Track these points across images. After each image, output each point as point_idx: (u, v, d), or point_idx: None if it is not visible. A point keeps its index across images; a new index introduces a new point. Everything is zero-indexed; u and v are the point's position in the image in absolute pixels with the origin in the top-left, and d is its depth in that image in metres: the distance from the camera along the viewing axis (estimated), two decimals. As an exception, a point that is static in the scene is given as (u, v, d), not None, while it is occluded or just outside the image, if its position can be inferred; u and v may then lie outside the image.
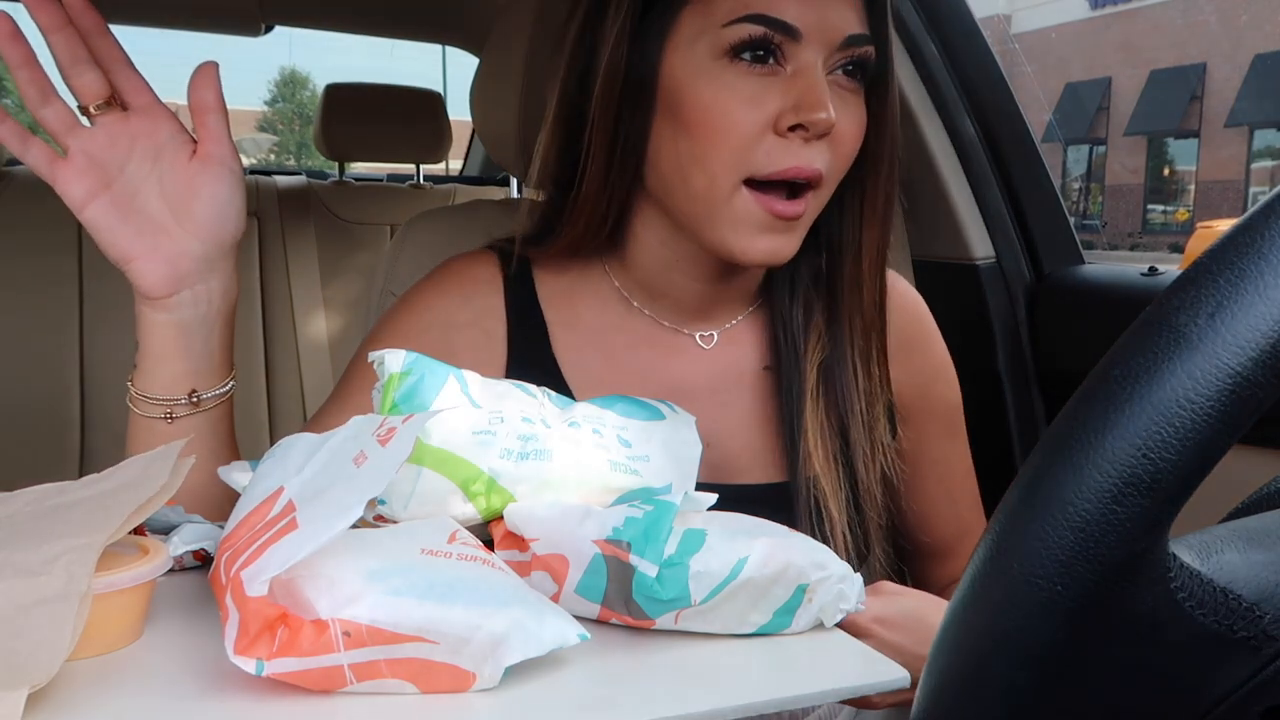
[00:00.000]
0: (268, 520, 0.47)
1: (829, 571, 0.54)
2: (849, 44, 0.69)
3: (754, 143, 0.67)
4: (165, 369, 0.70)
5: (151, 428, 0.70)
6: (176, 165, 0.67)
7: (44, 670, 0.41)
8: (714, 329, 0.81)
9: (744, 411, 0.79)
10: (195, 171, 0.67)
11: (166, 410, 0.70)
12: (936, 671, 0.33)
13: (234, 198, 0.68)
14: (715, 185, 0.68)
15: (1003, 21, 19.52)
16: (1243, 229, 0.30)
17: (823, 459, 0.76)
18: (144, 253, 0.66)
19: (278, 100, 39.16)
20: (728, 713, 0.45)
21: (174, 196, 0.67)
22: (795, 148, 0.67)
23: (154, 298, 0.68)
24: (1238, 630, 0.31)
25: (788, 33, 0.67)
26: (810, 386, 0.77)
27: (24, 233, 1.84)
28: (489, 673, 0.45)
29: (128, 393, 0.71)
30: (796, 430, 0.76)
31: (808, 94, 0.66)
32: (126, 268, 0.67)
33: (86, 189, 0.64)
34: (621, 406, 0.65)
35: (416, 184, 2.33)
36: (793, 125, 0.67)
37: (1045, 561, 0.29)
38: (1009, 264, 1.35)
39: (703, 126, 0.68)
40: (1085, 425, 0.29)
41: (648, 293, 0.80)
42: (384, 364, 0.59)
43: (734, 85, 0.67)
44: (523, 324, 0.79)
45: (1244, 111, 18.04)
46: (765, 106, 0.67)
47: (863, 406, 0.77)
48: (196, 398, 0.71)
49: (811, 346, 0.78)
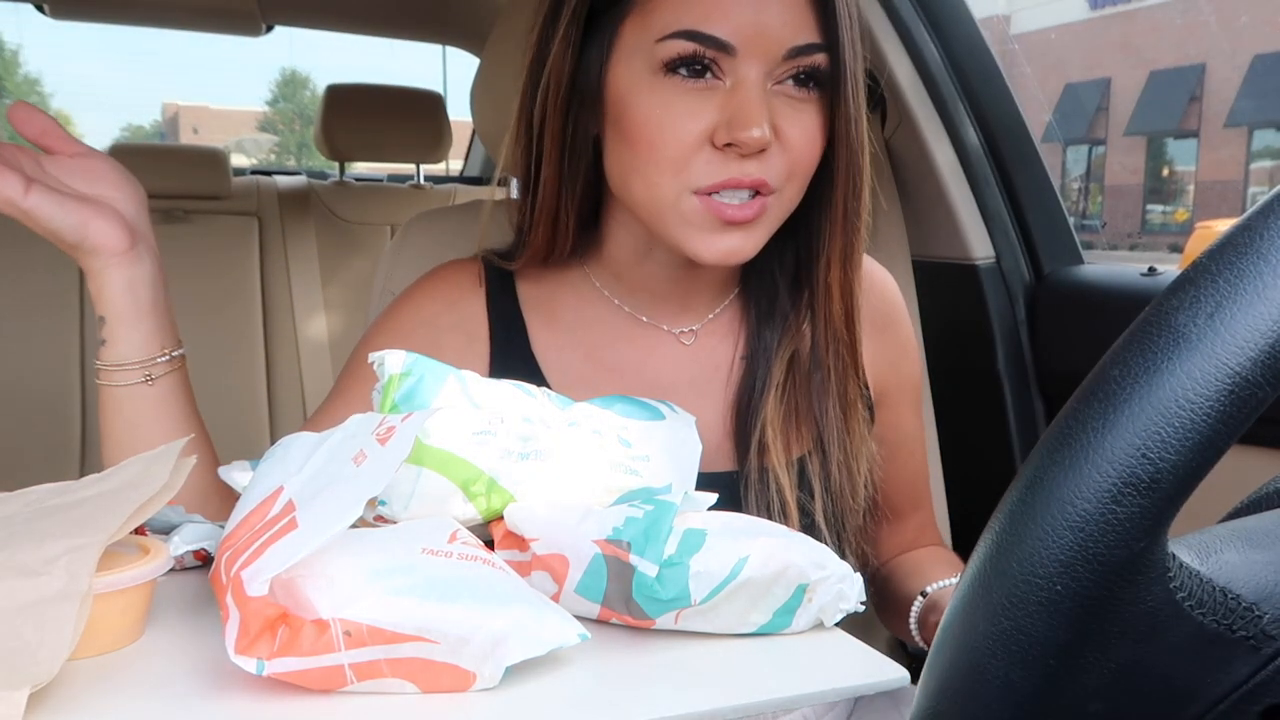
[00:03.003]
0: (268, 520, 0.47)
1: (829, 571, 0.54)
2: (795, 54, 0.68)
3: (691, 156, 0.68)
4: (138, 330, 0.73)
5: (133, 395, 0.73)
6: (59, 162, 0.71)
7: (45, 670, 0.41)
8: (693, 323, 0.82)
9: (723, 401, 0.80)
10: (77, 158, 0.72)
11: (145, 372, 0.73)
12: (936, 671, 0.33)
13: (116, 164, 0.73)
14: (658, 194, 0.69)
15: (1003, 22, 19.52)
16: (1242, 229, 0.30)
17: (781, 450, 0.76)
18: (93, 215, 0.70)
19: (278, 100, 39.16)
20: (728, 713, 0.45)
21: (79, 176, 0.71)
22: (732, 161, 0.67)
23: (119, 252, 0.71)
24: (1237, 630, 0.31)
25: (721, 48, 0.66)
26: (776, 379, 0.77)
27: (24, 230, 1.84)
28: (489, 672, 0.45)
29: (98, 372, 0.74)
30: (751, 421, 0.77)
31: (739, 112, 0.66)
32: (85, 233, 0.69)
33: (20, 180, 0.67)
34: (621, 407, 0.65)
35: (416, 184, 2.33)
36: (728, 142, 0.67)
37: (1045, 561, 0.29)
38: (1009, 264, 1.35)
39: (642, 140, 0.69)
40: (1085, 425, 0.29)
41: (625, 286, 0.81)
42: (384, 365, 0.59)
43: (670, 101, 0.68)
44: (504, 327, 0.81)
45: (1243, 111, 18.04)
46: (701, 120, 0.67)
47: (835, 398, 0.78)
48: (168, 354, 0.74)
49: (784, 338, 0.79)
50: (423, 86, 2.29)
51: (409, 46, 5.20)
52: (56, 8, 2.08)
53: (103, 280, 0.72)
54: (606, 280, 0.81)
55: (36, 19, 2.09)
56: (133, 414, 0.73)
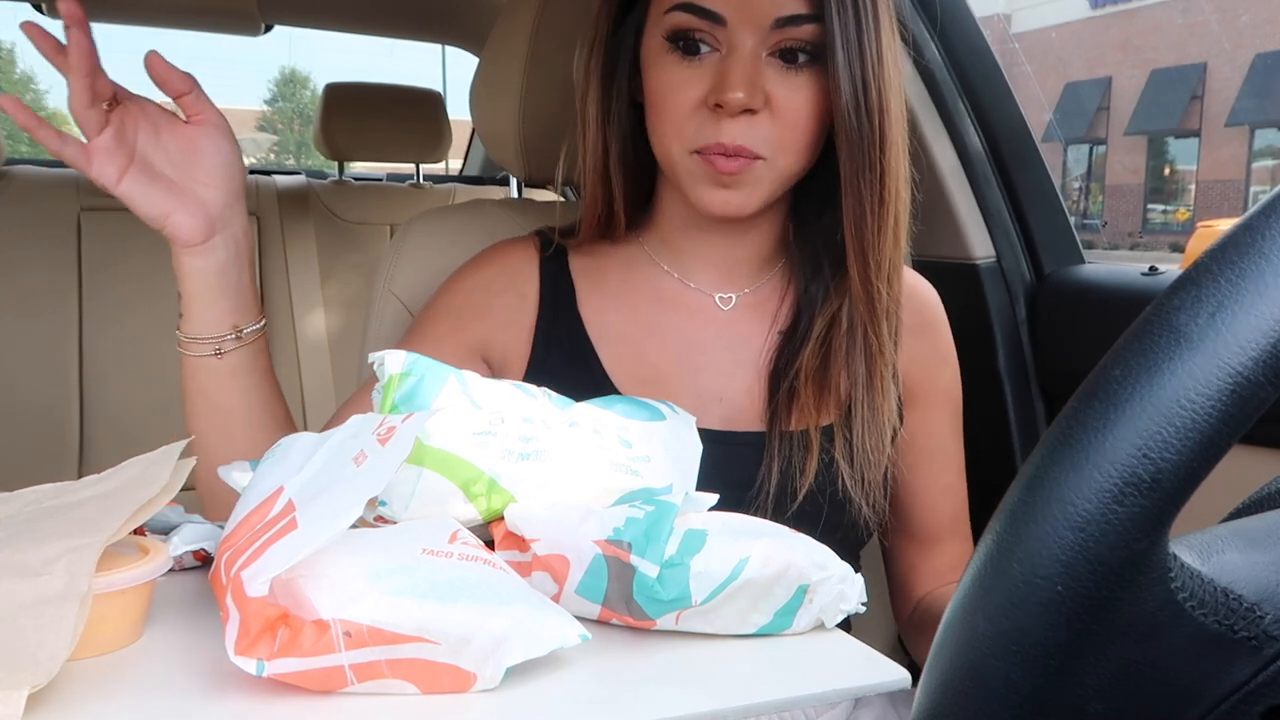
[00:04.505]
0: (268, 520, 0.47)
1: (830, 572, 0.54)
2: (783, 24, 0.73)
3: (688, 118, 0.75)
4: (210, 310, 0.79)
5: (204, 365, 0.79)
6: (175, 134, 0.77)
7: (44, 670, 0.41)
8: (734, 292, 0.86)
9: (756, 370, 0.84)
10: (193, 135, 0.77)
11: (215, 347, 0.79)
12: (937, 671, 0.33)
13: (232, 149, 0.79)
14: (670, 154, 0.77)
15: (1003, 21, 19.50)
16: (1243, 229, 0.30)
17: (812, 415, 0.80)
18: (176, 207, 0.76)
19: (278, 100, 39.14)
20: (728, 713, 0.45)
21: (180, 159, 0.77)
22: (723, 123, 0.73)
23: (194, 244, 0.77)
24: (1238, 630, 0.31)
25: (712, 18, 0.73)
26: (809, 350, 0.81)
27: (23, 231, 1.84)
28: (490, 673, 0.45)
29: (177, 339, 0.80)
30: (785, 381, 0.81)
31: (725, 76, 0.73)
32: (165, 223, 0.76)
33: (117, 167, 0.74)
34: (622, 407, 0.65)
35: (416, 184, 2.33)
36: (716, 103, 0.73)
37: (1046, 561, 0.29)
38: (1009, 264, 1.35)
39: (655, 105, 0.77)
40: (1085, 425, 0.29)
41: (673, 251, 0.86)
42: (384, 365, 0.59)
43: (672, 70, 0.75)
44: (554, 289, 0.85)
45: (1244, 111, 18.03)
46: (697, 86, 0.74)
47: (866, 372, 0.80)
48: (238, 333, 0.80)
49: (825, 301, 0.82)
50: (422, 86, 2.28)
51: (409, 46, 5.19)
52: (55, 8, 2.07)
53: (179, 263, 0.78)
54: (656, 246, 0.87)
55: (35, 19, 2.09)
56: (206, 383, 0.79)
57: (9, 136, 2.00)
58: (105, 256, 1.89)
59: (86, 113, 0.72)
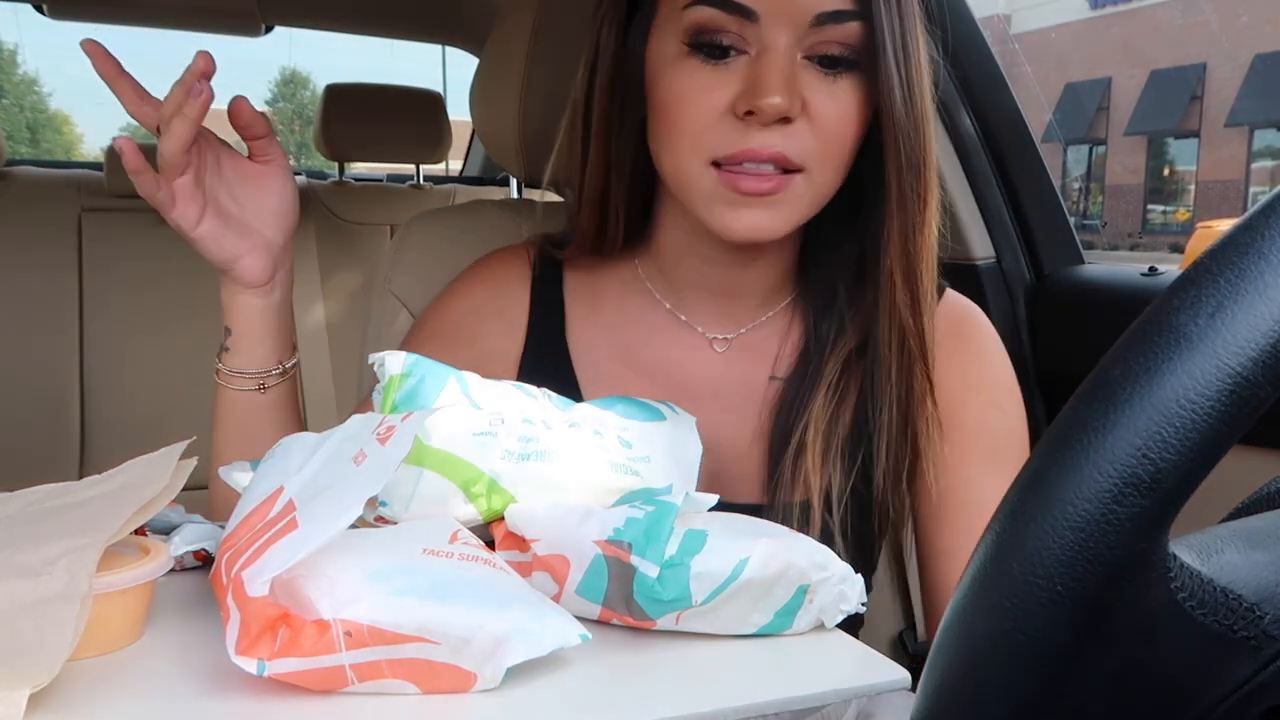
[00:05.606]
0: (268, 520, 0.47)
1: (830, 572, 0.54)
2: (824, 20, 0.65)
3: (712, 126, 0.66)
4: (260, 347, 0.78)
5: (245, 398, 0.79)
6: (239, 171, 0.75)
7: (45, 670, 0.41)
8: (731, 330, 0.79)
9: (746, 422, 0.77)
10: (259, 173, 0.76)
11: (259, 382, 0.79)
12: (936, 671, 0.33)
13: (294, 190, 0.78)
14: (683, 169, 0.68)
15: (1003, 21, 19.50)
16: (1243, 229, 0.30)
17: (815, 480, 0.71)
18: (246, 250, 0.75)
19: (278, 100, 39.13)
20: (728, 713, 0.45)
21: (244, 197, 0.76)
22: (753, 131, 0.65)
23: (258, 285, 0.76)
24: (1238, 630, 0.31)
25: (743, 14, 0.65)
26: (819, 401, 0.73)
27: (24, 232, 1.84)
28: (490, 673, 0.45)
29: (218, 371, 0.79)
30: (785, 451, 0.72)
31: (759, 78, 0.64)
32: (233, 266, 0.75)
33: (198, 208, 0.72)
34: (622, 408, 0.65)
35: (416, 184, 2.33)
36: (748, 110, 0.65)
37: (1045, 561, 0.29)
38: (1009, 264, 1.35)
39: (668, 115, 0.68)
40: (1085, 425, 0.29)
41: (671, 282, 0.80)
42: (384, 365, 0.59)
43: (692, 74, 0.67)
44: (544, 316, 0.81)
45: (1244, 111, 18.03)
46: (724, 92, 0.66)
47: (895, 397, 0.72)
48: (282, 367, 0.80)
49: (833, 353, 0.74)
50: (422, 86, 2.28)
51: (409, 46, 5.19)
52: (55, 8, 2.07)
53: (235, 302, 0.77)
54: (652, 273, 0.81)
55: (35, 19, 2.09)
56: (244, 415, 0.79)
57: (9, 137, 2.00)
58: (106, 257, 1.90)
59: (180, 158, 0.69)
